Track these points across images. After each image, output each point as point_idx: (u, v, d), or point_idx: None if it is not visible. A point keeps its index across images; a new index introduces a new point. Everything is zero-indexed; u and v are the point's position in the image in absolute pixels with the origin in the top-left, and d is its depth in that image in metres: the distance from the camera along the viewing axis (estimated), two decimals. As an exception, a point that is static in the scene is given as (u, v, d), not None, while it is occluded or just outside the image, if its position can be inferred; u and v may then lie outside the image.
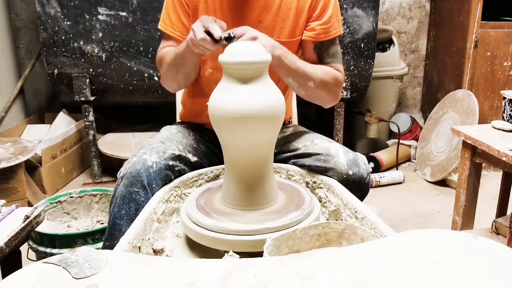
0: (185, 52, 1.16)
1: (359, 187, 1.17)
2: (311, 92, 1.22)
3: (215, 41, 1.02)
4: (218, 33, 1.01)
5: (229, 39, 1.00)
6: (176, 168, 1.18)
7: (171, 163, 1.16)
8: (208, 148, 1.31)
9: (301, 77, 1.18)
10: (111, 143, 2.70)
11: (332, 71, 1.24)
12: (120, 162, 1.25)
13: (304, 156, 1.23)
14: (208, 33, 1.04)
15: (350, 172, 1.15)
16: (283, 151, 1.29)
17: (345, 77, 2.53)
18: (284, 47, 1.14)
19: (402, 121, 3.05)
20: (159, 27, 1.29)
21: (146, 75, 2.49)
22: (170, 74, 1.27)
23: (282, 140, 1.31)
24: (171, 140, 1.23)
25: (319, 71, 1.21)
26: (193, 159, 1.23)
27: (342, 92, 2.54)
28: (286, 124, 1.42)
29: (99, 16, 2.38)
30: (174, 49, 1.23)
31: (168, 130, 1.31)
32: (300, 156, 1.24)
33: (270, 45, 1.08)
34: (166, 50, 1.27)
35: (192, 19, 1.25)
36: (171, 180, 1.17)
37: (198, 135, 1.33)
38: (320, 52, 1.26)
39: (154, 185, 1.11)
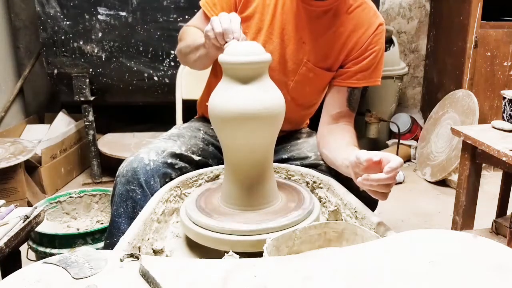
0: (211, 53, 1.07)
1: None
2: None
3: None
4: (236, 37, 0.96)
5: None
6: (177, 166, 1.18)
7: (169, 160, 1.16)
8: (217, 149, 1.30)
9: None
10: (111, 143, 2.70)
11: (352, 136, 1.20)
12: (119, 162, 1.25)
13: (315, 166, 1.23)
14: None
15: None
16: (294, 158, 1.28)
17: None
18: None
19: (402, 121, 3.05)
20: (200, 3, 1.23)
21: (146, 75, 2.49)
22: (189, 56, 1.20)
23: (295, 146, 1.30)
24: (174, 140, 1.23)
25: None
26: (197, 158, 1.23)
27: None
28: (299, 130, 1.41)
29: (99, 16, 2.38)
30: (196, 40, 1.15)
31: (177, 129, 1.30)
32: (310, 166, 1.23)
33: None
34: (192, 31, 1.21)
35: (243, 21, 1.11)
36: (172, 178, 1.17)
37: (209, 135, 1.32)
38: (350, 96, 1.25)
39: (152, 183, 1.11)
